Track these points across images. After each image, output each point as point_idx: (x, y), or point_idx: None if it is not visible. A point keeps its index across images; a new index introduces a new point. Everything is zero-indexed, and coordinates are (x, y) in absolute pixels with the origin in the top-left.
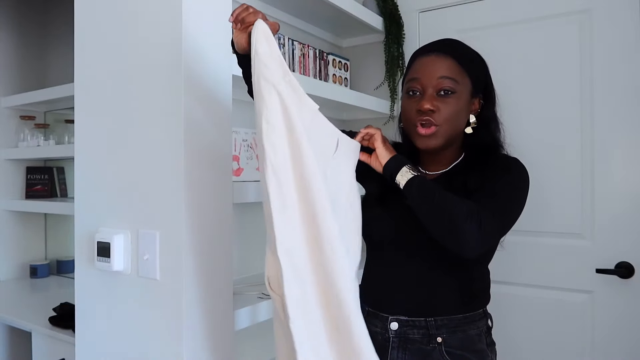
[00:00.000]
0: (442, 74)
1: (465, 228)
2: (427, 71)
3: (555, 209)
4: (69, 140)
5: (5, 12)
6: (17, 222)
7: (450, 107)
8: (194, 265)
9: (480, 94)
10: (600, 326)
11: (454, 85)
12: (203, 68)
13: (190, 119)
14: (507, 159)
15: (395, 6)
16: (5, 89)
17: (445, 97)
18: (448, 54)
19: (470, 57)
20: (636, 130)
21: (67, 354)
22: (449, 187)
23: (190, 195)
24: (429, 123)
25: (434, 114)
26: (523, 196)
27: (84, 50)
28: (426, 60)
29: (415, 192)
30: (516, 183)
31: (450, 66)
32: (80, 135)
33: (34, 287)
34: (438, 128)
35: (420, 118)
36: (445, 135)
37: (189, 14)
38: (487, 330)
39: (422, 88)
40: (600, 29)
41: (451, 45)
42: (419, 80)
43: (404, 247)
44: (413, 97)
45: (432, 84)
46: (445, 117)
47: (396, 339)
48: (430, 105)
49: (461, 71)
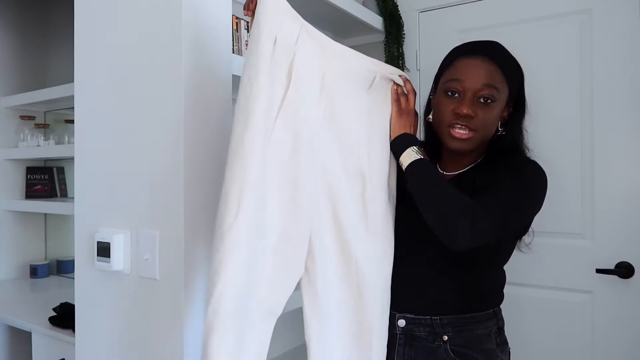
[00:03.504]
0: (487, 81)
1: (457, 222)
2: (472, 75)
3: (555, 209)
4: (69, 140)
5: (5, 12)
6: (17, 222)
7: (488, 115)
8: (194, 265)
9: (511, 103)
10: (600, 326)
11: (495, 93)
12: (203, 68)
13: (190, 118)
14: (523, 159)
15: (395, 6)
16: (5, 89)
17: (485, 104)
18: (495, 61)
19: (514, 68)
20: (636, 130)
21: (67, 354)
22: (460, 188)
23: (190, 196)
24: (466, 127)
25: (472, 120)
26: (532, 198)
27: (84, 50)
28: (472, 63)
29: (416, 176)
30: (525, 184)
31: (496, 74)
32: (80, 135)
33: (34, 287)
34: (474, 133)
35: (457, 122)
36: (478, 141)
37: (189, 14)
38: (497, 330)
39: (463, 91)
40: (600, 29)
41: (499, 51)
42: (462, 82)
43: (415, 247)
44: (452, 98)
45: (475, 89)
46: (481, 124)
47: (403, 336)
48: (470, 111)
49: (503, 80)
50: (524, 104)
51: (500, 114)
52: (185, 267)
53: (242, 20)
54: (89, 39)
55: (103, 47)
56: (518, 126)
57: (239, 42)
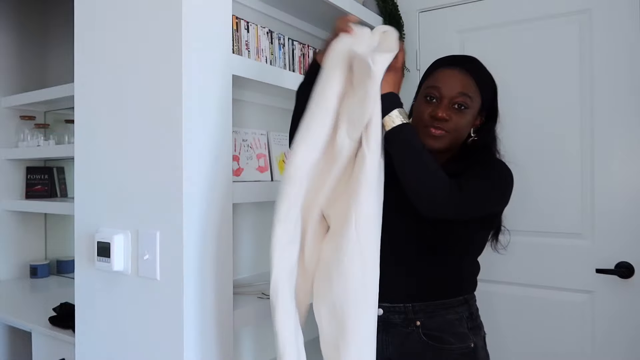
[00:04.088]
0: (462, 90)
1: (436, 184)
2: (448, 83)
3: (555, 209)
4: (69, 140)
5: (5, 12)
6: (17, 222)
7: (461, 120)
8: (194, 265)
9: (484, 112)
10: (600, 326)
11: (469, 101)
12: (203, 68)
13: (190, 119)
14: (492, 158)
15: (395, 6)
16: (5, 89)
17: (459, 110)
18: (470, 73)
19: (487, 81)
20: (636, 130)
21: (67, 354)
22: None
23: (190, 195)
24: (440, 128)
25: (446, 123)
26: (499, 190)
27: (84, 50)
28: (449, 72)
29: (400, 140)
30: (493, 178)
31: (470, 84)
32: (80, 135)
33: (34, 287)
34: (447, 134)
35: (433, 124)
36: (449, 141)
37: (190, 14)
38: (469, 315)
39: (440, 96)
40: (600, 29)
41: (474, 64)
42: (439, 89)
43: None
44: (430, 103)
45: (450, 96)
46: (454, 127)
47: (381, 323)
48: (445, 115)
49: (476, 90)
50: (496, 114)
51: (472, 120)
52: (185, 267)
53: (242, 20)
54: (89, 39)
55: (103, 47)
56: (489, 133)
57: (239, 42)
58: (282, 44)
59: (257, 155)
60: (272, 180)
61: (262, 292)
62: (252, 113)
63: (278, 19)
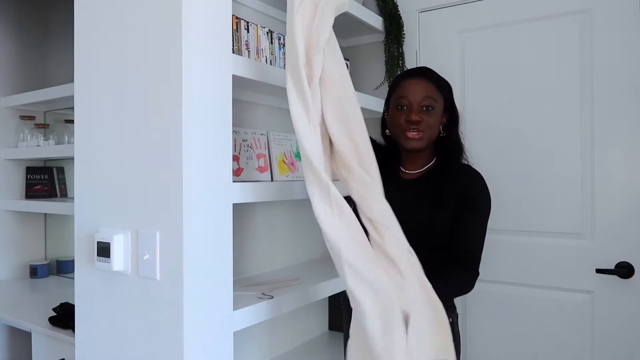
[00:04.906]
0: (426, 94)
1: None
2: (414, 91)
3: (555, 209)
4: (69, 140)
5: (5, 12)
6: (17, 222)
7: (431, 119)
8: (194, 265)
9: (447, 111)
10: (600, 326)
11: (434, 102)
12: (203, 68)
13: (190, 119)
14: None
15: (395, 6)
16: (5, 89)
17: (427, 111)
18: (430, 80)
19: (444, 84)
20: (636, 130)
21: (67, 354)
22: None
23: (190, 196)
24: (417, 130)
25: (420, 124)
26: (488, 215)
27: (84, 50)
28: (413, 82)
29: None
30: (481, 212)
31: (431, 88)
32: (80, 135)
33: (34, 287)
34: (422, 134)
35: (409, 127)
36: (427, 139)
37: (189, 14)
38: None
39: (409, 104)
40: (600, 29)
41: (431, 73)
42: (407, 97)
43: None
44: (402, 111)
45: (418, 101)
46: (427, 125)
47: None
48: (418, 117)
49: (437, 92)
50: (455, 113)
51: (440, 119)
52: (185, 267)
53: (242, 20)
54: (89, 39)
55: (103, 47)
56: (455, 129)
57: (239, 42)
58: (282, 44)
59: (257, 155)
60: (272, 180)
61: (262, 292)
62: (252, 113)
63: (278, 19)
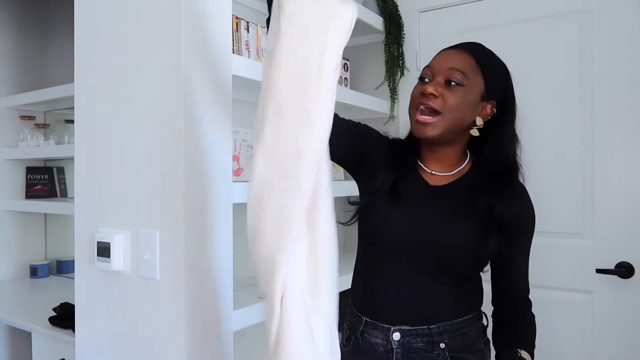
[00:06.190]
0: (454, 65)
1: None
2: (441, 61)
3: (555, 209)
4: (69, 140)
5: (5, 12)
6: (17, 222)
7: (455, 98)
8: (194, 265)
9: (493, 101)
10: (600, 326)
11: (463, 78)
12: (203, 68)
13: (190, 119)
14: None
15: (395, 6)
16: (5, 89)
17: (452, 87)
18: (467, 51)
19: (490, 61)
20: (636, 130)
21: (67, 354)
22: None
23: (190, 195)
24: (430, 110)
25: (437, 100)
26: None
27: (84, 50)
28: (445, 52)
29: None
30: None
31: (465, 60)
32: (80, 135)
33: (34, 287)
34: (438, 118)
35: (422, 101)
36: (443, 127)
37: (189, 14)
38: (483, 329)
39: (432, 75)
40: (600, 29)
41: (474, 45)
42: (431, 68)
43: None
44: (422, 83)
45: (443, 73)
46: (448, 106)
47: (400, 349)
48: (434, 90)
49: (475, 68)
50: (512, 106)
51: (474, 105)
52: (185, 267)
53: (242, 20)
54: (89, 39)
55: (103, 47)
56: (504, 129)
57: (239, 42)
58: None
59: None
60: None
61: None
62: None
63: None
